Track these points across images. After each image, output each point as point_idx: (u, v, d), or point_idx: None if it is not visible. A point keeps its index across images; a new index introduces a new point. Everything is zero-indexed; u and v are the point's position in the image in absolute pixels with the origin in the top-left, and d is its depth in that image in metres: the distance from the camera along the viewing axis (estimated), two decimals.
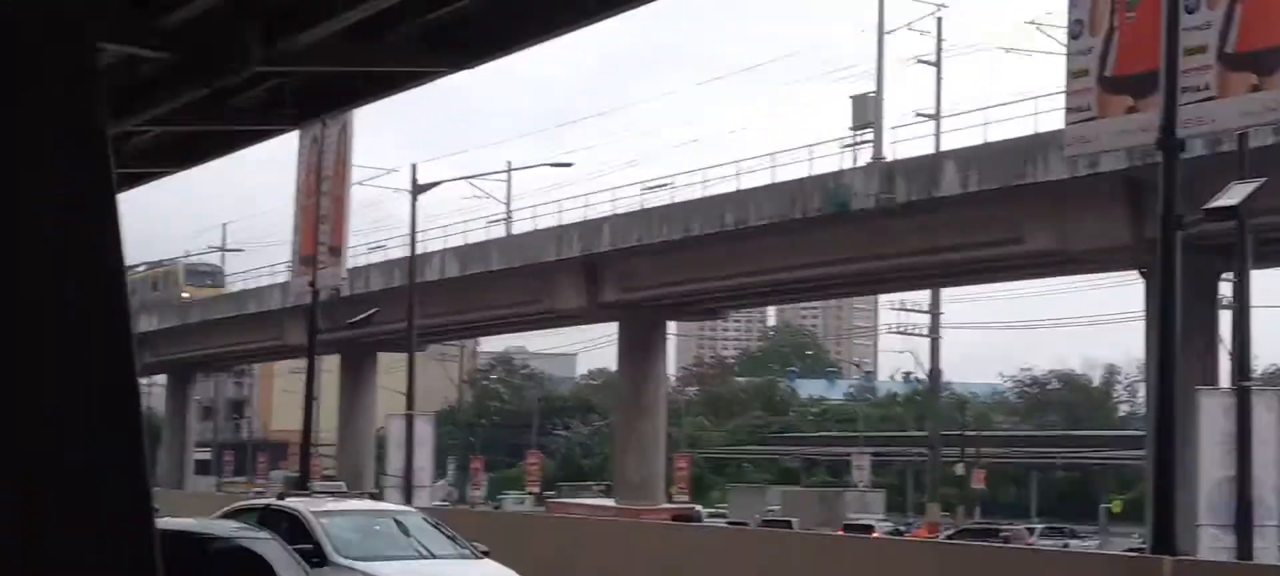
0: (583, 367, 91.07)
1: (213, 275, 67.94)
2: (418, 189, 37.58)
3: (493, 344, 79.54)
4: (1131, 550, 25.76)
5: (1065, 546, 33.25)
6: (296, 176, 33.50)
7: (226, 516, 12.61)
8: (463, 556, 11.96)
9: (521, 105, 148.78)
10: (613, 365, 52.68)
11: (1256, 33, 15.10)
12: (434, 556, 11.74)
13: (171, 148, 11.87)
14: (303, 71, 9.77)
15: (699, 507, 42.99)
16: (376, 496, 33.06)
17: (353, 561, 10.92)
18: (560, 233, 44.25)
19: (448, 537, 12.43)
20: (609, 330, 48.71)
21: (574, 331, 62.09)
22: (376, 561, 11.07)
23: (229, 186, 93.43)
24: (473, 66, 10.46)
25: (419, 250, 40.31)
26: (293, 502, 13.24)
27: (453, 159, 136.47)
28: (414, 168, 38.43)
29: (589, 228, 43.24)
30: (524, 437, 69.71)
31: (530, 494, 55.32)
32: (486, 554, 12.16)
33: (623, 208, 43.08)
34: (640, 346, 45.46)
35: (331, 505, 13.56)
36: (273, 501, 13.74)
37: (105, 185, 2.47)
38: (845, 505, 43.68)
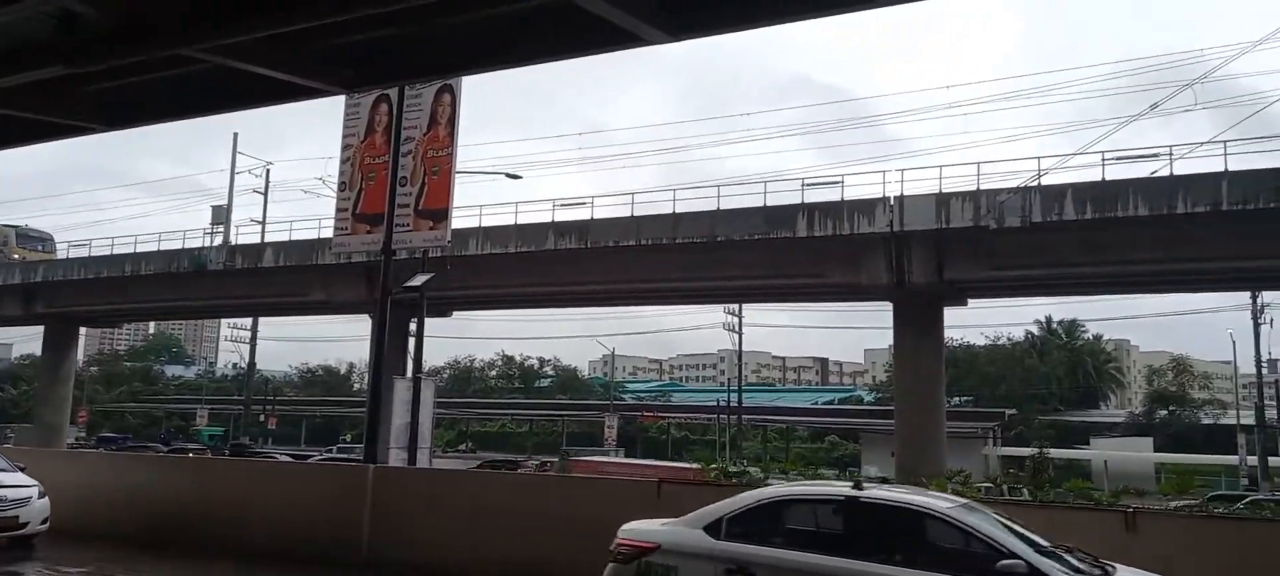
0: (16, 353, 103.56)
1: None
2: None
3: None
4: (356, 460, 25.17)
5: (307, 459, 35.06)
6: None
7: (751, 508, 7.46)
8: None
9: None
10: (40, 351, 57.63)
11: (432, 201, 21.13)
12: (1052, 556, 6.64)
13: None
14: None
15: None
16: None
17: (1054, 565, 6.38)
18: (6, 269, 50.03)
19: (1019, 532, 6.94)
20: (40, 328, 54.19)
21: (14, 330, 74.65)
22: (1068, 562, 6.56)
23: None
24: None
25: None
26: (879, 493, 7.52)
27: None
28: None
29: (29, 266, 49.83)
30: None
31: None
32: None
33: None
34: (60, 342, 52.50)
35: (938, 499, 7.45)
36: (852, 492, 7.28)
37: None
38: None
